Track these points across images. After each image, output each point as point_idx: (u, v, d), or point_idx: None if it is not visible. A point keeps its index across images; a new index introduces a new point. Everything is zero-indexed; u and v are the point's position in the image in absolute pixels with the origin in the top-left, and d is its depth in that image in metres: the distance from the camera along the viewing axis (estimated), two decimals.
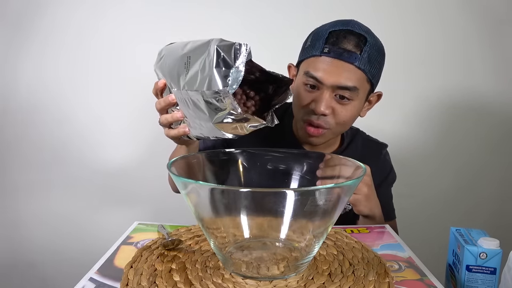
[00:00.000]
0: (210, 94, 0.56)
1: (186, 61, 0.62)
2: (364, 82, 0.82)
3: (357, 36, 0.80)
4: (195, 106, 0.61)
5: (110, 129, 1.41)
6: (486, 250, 0.63)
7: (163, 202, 1.36)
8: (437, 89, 1.41)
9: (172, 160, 0.61)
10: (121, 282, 0.57)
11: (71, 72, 1.37)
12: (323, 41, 0.81)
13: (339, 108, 0.82)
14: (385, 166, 1.00)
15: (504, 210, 1.49)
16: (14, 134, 1.40)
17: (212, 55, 0.56)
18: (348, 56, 0.78)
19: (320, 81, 0.81)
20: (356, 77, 0.80)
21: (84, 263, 0.69)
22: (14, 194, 1.44)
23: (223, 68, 0.55)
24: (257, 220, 0.52)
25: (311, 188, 0.53)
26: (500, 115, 1.42)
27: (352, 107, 0.83)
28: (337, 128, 0.86)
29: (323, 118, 0.84)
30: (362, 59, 0.79)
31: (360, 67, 0.79)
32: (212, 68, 0.56)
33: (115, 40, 1.36)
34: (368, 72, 0.80)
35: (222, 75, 0.55)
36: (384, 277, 0.59)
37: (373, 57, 0.80)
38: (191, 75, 0.60)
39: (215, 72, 0.55)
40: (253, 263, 0.56)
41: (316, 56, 0.82)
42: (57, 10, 1.34)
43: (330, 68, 0.79)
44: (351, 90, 0.80)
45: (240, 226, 0.53)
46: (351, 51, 0.78)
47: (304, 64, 0.85)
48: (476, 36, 1.38)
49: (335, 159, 0.67)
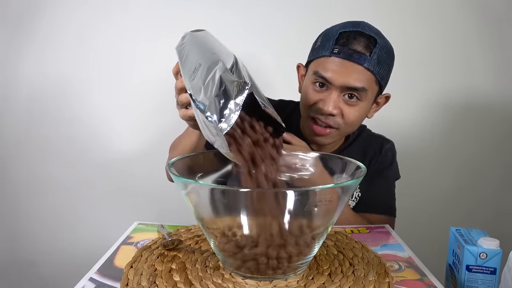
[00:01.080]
0: (207, 120, 0.56)
1: (196, 66, 0.61)
2: (373, 83, 0.82)
3: (367, 38, 0.80)
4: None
5: (110, 129, 1.41)
6: (486, 250, 0.63)
7: (163, 202, 1.37)
8: (437, 89, 1.41)
9: (172, 160, 0.61)
10: (121, 282, 0.57)
11: (72, 72, 1.37)
12: (333, 42, 0.81)
13: (347, 108, 0.83)
14: (384, 160, 0.99)
15: (504, 210, 1.49)
16: (14, 134, 1.40)
17: (216, 82, 0.56)
18: (358, 57, 0.78)
19: (329, 81, 0.82)
20: (365, 78, 0.80)
21: (84, 263, 0.69)
22: (14, 194, 1.44)
23: (222, 100, 0.54)
24: (257, 220, 0.52)
25: (311, 188, 0.53)
26: (500, 114, 1.42)
27: (360, 108, 0.83)
28: (345, 128, 0.87)
29: (331, 118, 0.84)
30: (372, 61, 0.79)
31: (369, 69, 0.79)
32: (212, 96, 0.55)
33: (115, 40, 1.36)
34: (377, 73, 0.81)
35: (220, 107, 0.54)
36: (384, 277, 0.59)
37: (383, 59, 0.81)
38: (196, 84, 0.59)
39: (215, 101, 0.54)
40: (253, 263, 0.56)
41: (325, 56, 0.82)
42: (58, 10, 1.33)
43: (339, 68, 0.79)
44: (360, 91, 0.80)
45: (240, 226, 0.53)
46: (361, 52, 0.79)
47: (314, 64, 0.86)
48: (476, 35, 1.38)
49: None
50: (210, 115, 0.54)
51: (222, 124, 0.53)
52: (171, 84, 1.04)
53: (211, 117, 0.54)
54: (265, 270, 0.56)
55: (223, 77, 0.56)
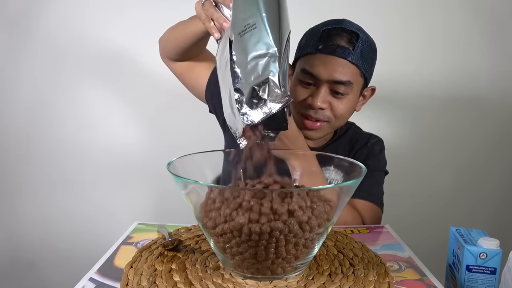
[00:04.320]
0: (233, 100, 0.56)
1: (251, 24, 0.58)
2: (358, 76, 0.85)
3: (349, 33, 0.83)
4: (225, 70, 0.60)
5: (110, 129, 1.41)
6: (486, 250, 0.62)
7: (163, 202, 1.37)
8: (437, 88, 1.41)
9: (172, 160, 0.61)
10: (121, 282, 0.57)
11: (72, 72, 1.37)
12: (317, 39, 0.85)
13: (335, 102, 0.86)
14: (370, 152, 0.99)
15: (504, 210, 1.49)
16: (14, 134, 1.40)
17: (260, 70, 0.56)
18: (342, 52, 0.82)
19: (316, 76, 0.84)
20: (350, 71, 0.83)
21: (84, 263, 0.69)
22: (14, 194, 1.44)
23: (258, 94, 0.55)
24: (257, 220, 0.52)
25: (311, 188, 0.53)
26: (501, 114, 1.42)
27: (348, 101, 0.86)
28: (335, 121, 0.89)
29: (321, 112, 0.86)
30: (355, 54, 0.82)
31: (354, 62, 0.82)
32: (251, 82, 0.55)
33: (114, 41, 1.36)
34: (361, 66, 0.84)
35: (252, 99, 0.55)
36: (384, 277, 0.59)
37: (366, 53, 0.84)
38: (243, 45, 0.57)
39: (251, 90, 0.55)
40: (253, 263, 0.56)
41: (311, 53, 0.85)
42: (58, 10, 1.33)
43: (325, 64, 0.83)
44: (346, 84, 0.83)
45: (240, 226, 0.53)
46: (344, 47, 0.82)
47: (300, 62, 0.89)
48: (476, 32, 1.37)
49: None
50: (240, 98, 0.55)
51: (248, 118, 0.55)
52: (172, 84, 1.04)
53: (240, 99, 0.55)
54: (265, 270, 0.56)
55: (271, 78, 0.56)
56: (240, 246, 0.54)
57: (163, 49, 0.94)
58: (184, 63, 0.94)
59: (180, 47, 0.87)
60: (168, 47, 0.91)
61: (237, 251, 0.55)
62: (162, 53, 0.95)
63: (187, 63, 0.94)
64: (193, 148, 0.98)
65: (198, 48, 0.89)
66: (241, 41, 0.57)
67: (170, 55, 0.93)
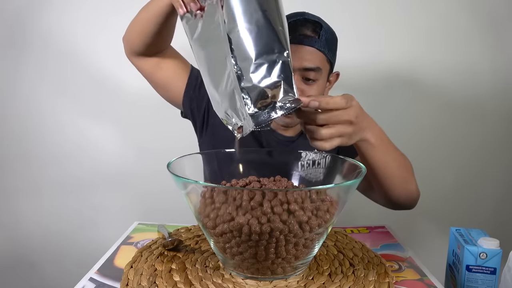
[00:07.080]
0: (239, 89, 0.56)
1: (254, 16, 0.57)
2: (325, 62, 0.88)
3: (313, 23, 0.87)
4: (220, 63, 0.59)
5: (109, 130, 1.41)
6: (486, 250, 0.63)
7: (163, 202, 1.36)
8: (437, 87, 1.40)
9: (171, 161, 0.61)
10: (121, 282, 0.57)
11: (71, 74, 1.37)
12: None
13: (307, 88, 0.88)
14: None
15: (504, 210, 1.49)
16: (14, 134, 1.40)
17: (274, 74, 0.57)
18: (309, 41, 0.85)
19: None
20: (318, 58, 0.86)
21: (84, 263, 0.69)
22: (14, 194, 1.44)
23: (267, 96, 0.56)
24: (257, 220, 0.52)
25: (311, 188, 0.53)
26: (501, 114, 1.42)
27: (318, 86, 0.89)
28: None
29: None
30: (321, 42, 0.86)
31: (320, 49, 0.86)
32: (259, 82, 0.56)
33: (113, 42, 1.35)
34: (327, 53, 0.87)
35: (260, 104, 0.56)
36: (384, 277, 0.59)
37: (330, 40, 0.88)
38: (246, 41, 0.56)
39: (261, 92, 0.56)
40: (253, 263, 0.56)
41: None
42: (58, 12, 1.34)
43: (294, 54, 0.85)
44: (316, 70, 0.86)
45: (240, 226, 0.53)
46: (311, 36, 0.85)
47: None
48: (477, 32, 1.37)
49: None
50: (246, 97, 0.56)
51: (254, 121, 0.56)
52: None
53: (246, 98, 0.56)
54: (265, 270, 0.56)
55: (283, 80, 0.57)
56: (240, 246, 0.54)
57: (128, 42, 0.89)
58: (152, 60, 0.90)
59: (145, 32, 0.83)
60: (132, 36, 0.87)
61: (237, 251, 0.55)
62: (128, 49, 0.91)
63: (156, 60, 0.90)
64: (193, 148, 0.98)
65: (164, 36, 0.85)
66: (245, 37, 0.56)
67: (136, 47, 0.88)
